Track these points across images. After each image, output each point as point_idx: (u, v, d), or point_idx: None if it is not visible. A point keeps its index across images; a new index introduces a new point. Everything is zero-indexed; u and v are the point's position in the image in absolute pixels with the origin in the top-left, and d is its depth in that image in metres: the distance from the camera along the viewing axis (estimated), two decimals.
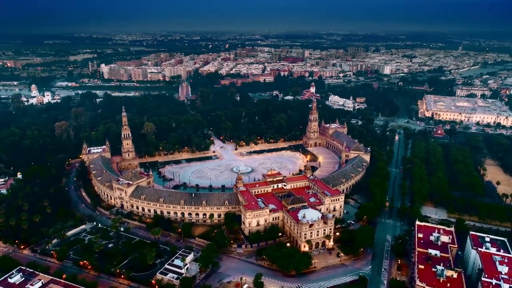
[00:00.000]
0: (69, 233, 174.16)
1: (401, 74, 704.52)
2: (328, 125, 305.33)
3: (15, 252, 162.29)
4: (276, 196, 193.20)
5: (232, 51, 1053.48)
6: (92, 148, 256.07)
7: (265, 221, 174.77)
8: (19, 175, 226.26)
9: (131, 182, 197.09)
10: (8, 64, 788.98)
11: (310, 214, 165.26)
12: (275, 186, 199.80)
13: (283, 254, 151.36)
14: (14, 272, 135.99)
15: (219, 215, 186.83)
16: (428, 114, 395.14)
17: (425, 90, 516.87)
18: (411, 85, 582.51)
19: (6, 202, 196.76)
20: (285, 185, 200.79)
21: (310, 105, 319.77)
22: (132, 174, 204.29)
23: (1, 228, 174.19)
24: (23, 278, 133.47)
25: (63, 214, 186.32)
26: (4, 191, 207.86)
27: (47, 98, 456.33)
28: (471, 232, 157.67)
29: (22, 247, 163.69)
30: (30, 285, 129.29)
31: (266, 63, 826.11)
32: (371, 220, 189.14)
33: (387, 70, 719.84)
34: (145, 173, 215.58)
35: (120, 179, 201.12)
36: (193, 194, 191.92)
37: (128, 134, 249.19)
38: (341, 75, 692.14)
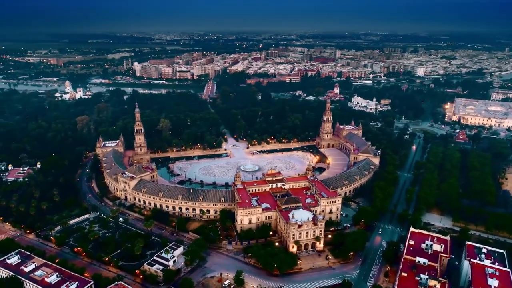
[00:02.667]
0: (73, 221, 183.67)
1: (436, 76, 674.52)
2: (342, 126, 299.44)
3: (21, 236, 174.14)
4: (274, 195, 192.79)
5: (264, 50, 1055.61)
6: (107, 142, 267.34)
7: (258, 219, 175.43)
8: (38, 165, 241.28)
9: (134, 176, 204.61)
10: (51, 62, 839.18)
11: (301, 215, 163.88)
12: (274, 185, 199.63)
13: (267, 253, 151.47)
14: (13, 254, 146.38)
15: (215, 212, 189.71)
16: (455, 118, 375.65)
17: (457, 93, 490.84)
18: (444, 87, 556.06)
19: (21, 190, 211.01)
20: (283, 185, 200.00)
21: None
22: (136, 167, 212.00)
23: (12, 213, 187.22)
24: (20, 260, 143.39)
25: (70, 203, 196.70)
26: (21, 179, 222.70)
27: (79, 94, 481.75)
28: (468, 242, 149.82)
29: (28, 232, 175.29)
30: (24, 266, 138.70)
31: (295, 63, 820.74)
32: (370, 225, 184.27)
33: (420, 71, 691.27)
34: (150, 167, 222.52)
35: (125, 172, 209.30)
36: (191, 190, 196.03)
37: (141, 129, 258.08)
38: (371, 76, 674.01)
